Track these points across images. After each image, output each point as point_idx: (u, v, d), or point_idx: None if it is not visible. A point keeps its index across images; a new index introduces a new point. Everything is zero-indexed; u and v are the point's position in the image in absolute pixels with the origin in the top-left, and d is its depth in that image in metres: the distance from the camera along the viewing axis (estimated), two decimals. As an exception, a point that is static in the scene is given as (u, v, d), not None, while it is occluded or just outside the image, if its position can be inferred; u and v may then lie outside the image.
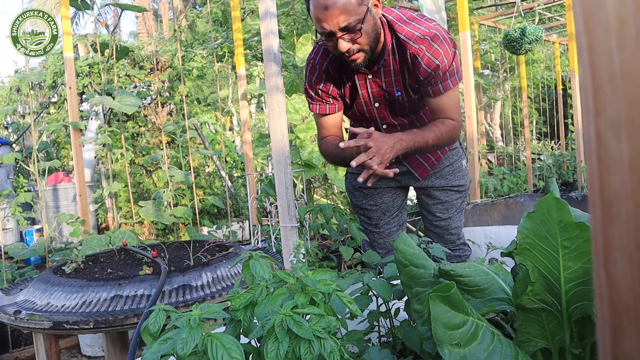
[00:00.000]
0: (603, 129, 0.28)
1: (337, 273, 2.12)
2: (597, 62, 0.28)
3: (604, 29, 0.28)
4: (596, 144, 0.28)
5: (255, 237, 2.69)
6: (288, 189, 1.87)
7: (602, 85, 0.28)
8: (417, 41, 1.75)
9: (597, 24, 0.28)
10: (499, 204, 3.05)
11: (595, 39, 0.28)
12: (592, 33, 0.28)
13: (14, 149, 6.12)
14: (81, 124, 2.80)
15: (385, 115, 1.96)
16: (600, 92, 0.28)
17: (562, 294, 1.02)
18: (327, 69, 1.90)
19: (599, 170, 0.28)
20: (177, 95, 5.24)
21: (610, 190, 0.28)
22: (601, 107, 0.28)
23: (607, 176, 0.28)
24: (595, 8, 0.28)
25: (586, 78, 0.28)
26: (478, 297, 1.16)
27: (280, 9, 3.60)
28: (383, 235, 2.21)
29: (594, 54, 0.28)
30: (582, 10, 0.28)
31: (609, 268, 0.29)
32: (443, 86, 1.80)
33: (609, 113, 0.28)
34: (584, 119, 0.29)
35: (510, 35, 4.59)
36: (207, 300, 1.62)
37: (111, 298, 1.61)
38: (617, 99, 0.27)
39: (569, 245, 0.96)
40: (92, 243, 2.49)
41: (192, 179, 3.15)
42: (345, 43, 1.63)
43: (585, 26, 0.28)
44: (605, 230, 0.28)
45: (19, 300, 1.75)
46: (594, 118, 0.28)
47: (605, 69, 0.27)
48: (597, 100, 0.28)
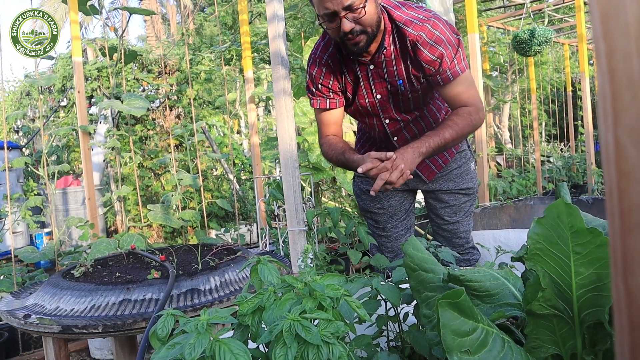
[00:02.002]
0: (622, 136, 0.27)
1: (345, 277, 2.11)
2: (616, 67, 0.27)
3: (623, 33, 0.27)
4: (615, 153, 0.27)
5: (263, 241, 2.68)
6: (296, 192, 1.87)
7: (621, 92, 0.27)
8: (416, 28, 1.74)
9: (616, 28, 0.27)
10: (508, 207, 3.03)
11: (614, 44, 0.27)
12: (610, 37, 0.27)
13: (24, 152, 6.16)
14: (90, 127, 2.81)
15: (388, 109, 1.93)
16: (619, 98, 0.27)
17: (573, 300, 1.00)
18: (328, 62, 1.89)
19: (618, 180, 0.27)
20: (185, 98, 5.25)
21: (629, 200, 0.27)
22: (620, 114, 0.27)
23: (627, 186, 0.27)
24: (614, 11, 0.27)
25: (604, 84, 0.27)
26: (488, 302, 1.15)
27: (288, 12, 3.60)
28: (391, 238, 2.19)
29: (613, 59, 0.27)
30: (599, 13, 0.28)
31: (628, 280, 0.28)
32: (452, 73, 1.77)
33: (628, 120, 0.27)
34: (601, 126, 0.28)
35: (519, 36, 4.57)
36: (215, 304, 1.61)
37: (120, 302, 1.61)
38: (637, 105, 0.26)
39: (580, 251, 0.95)
40: (100, 247, 2.50)
41: (200, 182, 3.15)
42: (348, 23, 1.64)
43: (603, 30, 0.27)
44: (624, 241, 0.27)
45: (28, 304, 1.76)
46: (612, 125, 0.27)
47: (625, 75, 0.27)
48: (615, 107, 0.27)
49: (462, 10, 4.60)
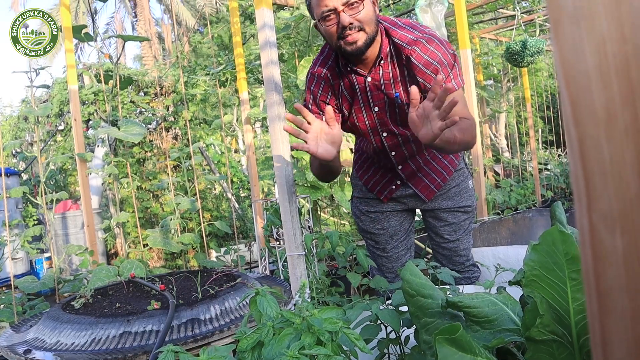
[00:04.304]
0: (596, 222, 0.27)
1: (345, 299, 2.11)
2: (587, 153, 0.28)
3: (592, 120, 0.27)
4: (590, 237, 0.28)
5: (263, 264, 2.68)
6: (294, 217, 1.87)
7: (594, 178, 0.27)
8: (411, 43, 1.78)
9: (586, 115, 0.28)
10: (506, 220, 3.04)
11: (585, 130, 0.28)
12: (581, 124, 0.28)
13: (22, 177, 6.16)
14: (87, 155, 2.81)
15: (386, 121, 1.94)
16: (591, 185, 0.27)
17: (572, 325, 1.00)
18: (327, 76, 1.92)
19: (594, 264, 0.28)
20: (182, 120, 5.27)
21: (605, 283, 0.27)
22: (593, 200, 0.28)
23: (602, 269, 0.28)
24: (583, 98, 0.28)
25: (577, 170, 0.28)
26: (487, 328, 1.15)
27: (281, 32, 3.63)
28: (391, 259, 2.19)
29: (584, 146, 0.28)
30: (569, 100, 0.28)
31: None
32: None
33: (601, 206, 0.27)
34: (576, 210, 0.29)
35: (511, 48, 4.60)
36: (216, 333, 1.61)
37: (120, 335, 1.61)
38: (608, 193, 0.27)
39: (576, 277, 0.95)
40: (100, 274, 2.49)
41: (199, 205, 3.16)
42: (347, 17, 1.69)
43: (573, 117, 0.28)
44: (602, 323, 0.28)
45: (28, 339, 1.75)
46: (586, 210, 0.28)
47: (596, 162, 0.27)
48: (589, 193, 0.28)
49: (453, 24, 4.63)
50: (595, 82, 0.27)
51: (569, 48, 0.28)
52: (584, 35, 0.27)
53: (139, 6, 22.92)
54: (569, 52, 0.28)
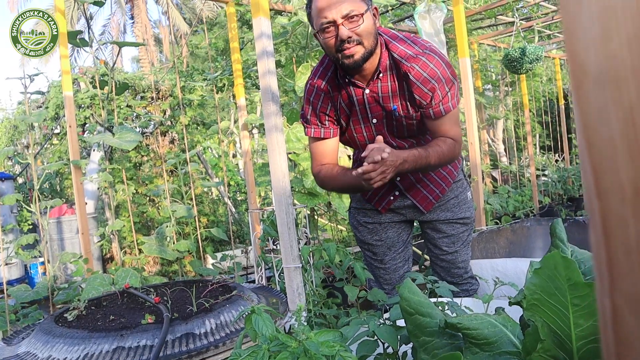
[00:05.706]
0: (619, 303, 0.25)
1: (342, 311, 2.09)
2: (611, 231, 0.25)
3: (618, 195, 0.25)
4: (612, 319, 0.26)
5: (259, 274, 2.66)
6: (290, 229, 1.85)
7: (617, 257, 0.25)
8: (410, 59, 1.78)
9: (611, 189, 0.25)
10: (504, 230, 3.02)
11: (609, 205, 0.25)
12: (604, 197, 0.26)
13: (18, 181, 6.12)
14: (82, 162, 2.78)
15: (383, 134, 1.93)
16: (615, 263, 0.25)
17: (574, 351, 0.98)
18: (327, 87, 1.91)
19: (616, 348, 0.25)
20: (179, 124, 5.24)
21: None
22: (617, 281, 0.25)
23: (625, 354, 0.25)
24: (607, 169, 0.25)
25: (599, 246, 0.26)
26: (486, 350, 1.13)
27: (279, 38, 3.61)
28: (389, 270, 2.17)
29: (608, 222, 0.25)
30: (592, 167, 0.26)
31: None
32: (444, 108, 1.82)
33: (625, 287, 0.25)
34: (597, 288, 0.26)
35: (510, 55, 4.59)
36: (211, 349, 1.58)
37: (113, 350, 1.58)
38: (634, 273, 0.25)
39: (579, 303, 0.93)
40: (95, 283, 2.46)
41: (195, 212, 3.13)
42: (346, 30, 1.69)
43: (596, 188, 0.26)
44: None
45: (20, 352, 1.72)
46: (608, 291, 0.26)
47: (621, 240, 0.25)
48: (611, 272, 0.25)
49: (452, 30, 4.62)
50: (621, 152, 0.25)
51: (593, 112, 0.26)
52: (609, 100, 0.25)
53: (136, 8, 22.87)
54: (592, 117, 0.26)
